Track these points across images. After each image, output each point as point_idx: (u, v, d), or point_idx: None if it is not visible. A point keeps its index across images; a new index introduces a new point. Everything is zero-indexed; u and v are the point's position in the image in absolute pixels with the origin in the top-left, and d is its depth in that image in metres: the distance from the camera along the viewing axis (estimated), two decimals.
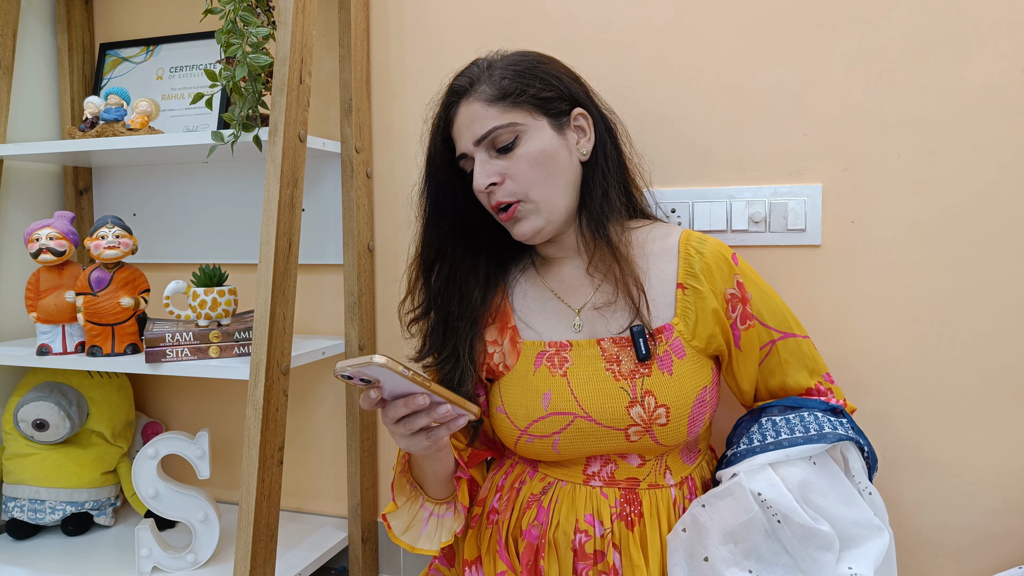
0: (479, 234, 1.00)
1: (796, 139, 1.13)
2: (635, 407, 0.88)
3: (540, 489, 0.94)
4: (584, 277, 0.97)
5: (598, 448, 0.91)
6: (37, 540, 1.36)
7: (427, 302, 1.00)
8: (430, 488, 0.96)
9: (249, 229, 1.44)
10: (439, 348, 0.98)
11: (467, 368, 0.95)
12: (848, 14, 1.09)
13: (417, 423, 0.79)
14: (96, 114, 1.29)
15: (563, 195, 0.93)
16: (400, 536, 0.97)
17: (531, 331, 0.97)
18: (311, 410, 1.45)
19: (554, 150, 0.91)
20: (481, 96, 0.91)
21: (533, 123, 0.91)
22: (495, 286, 1.01)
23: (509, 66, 0.92)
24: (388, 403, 0.79)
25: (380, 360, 0.69)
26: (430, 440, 0.82)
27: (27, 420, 1.31)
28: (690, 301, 0.92)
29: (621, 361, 0.90)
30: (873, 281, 1.10)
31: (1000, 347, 1.06)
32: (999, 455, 1.07)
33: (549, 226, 0.93)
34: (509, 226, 0.94)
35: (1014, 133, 1.04)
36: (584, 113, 0.94)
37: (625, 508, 0.90)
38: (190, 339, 1.19)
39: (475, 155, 0.92)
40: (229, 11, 1.12)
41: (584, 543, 0.89)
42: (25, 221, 1.46)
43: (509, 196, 0.91)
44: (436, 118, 0.97)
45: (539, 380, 0.92)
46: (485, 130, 0.90)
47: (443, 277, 0.99)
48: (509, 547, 0.94)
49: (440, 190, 0.98)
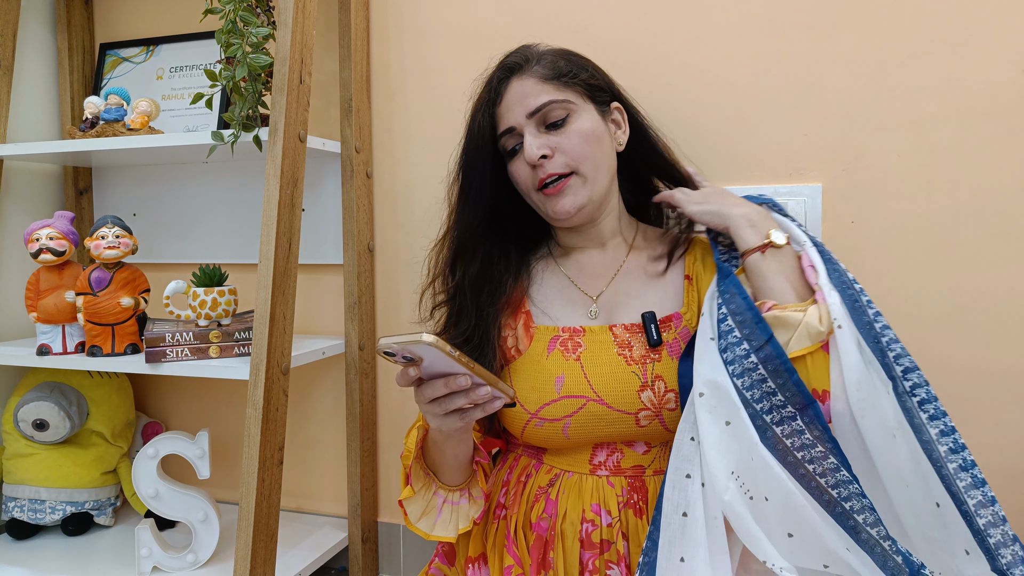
0: (507, 222, 1.02)
1: (796, 139, 1.13)
2: (646, 391, 0.89)
3: (547, 481, 0.95)
4: (602, 266, 1.00)
5: (608, 433, 0.91)
6: (37, 540, 1.36)
7: (456, 287, 1.00)
8: (444, 474, 0.96)
9: (249, 229, 1.44)
10: (469, 335, 0.98)
11: (493, 356, 0.96)
12: (848, 14, 1.09)
13: (455, 403, 0.79)
14: (96, 114, 1.29)
15: (606, 176, 0.95)
16: (416, 523, 0.97)
17: (546, 317, 0.98)
18: (311, 410, 1.45)
19: (601, 132, 0.94)
20: (535, 73, 0.93)
21: (583, 104, 0.94)
22: (522, 274, 1.03)
23: (560, 53, 0.96)
24: (425, 382, 0.79)
25: (430, 339, 0.68)
26: (464, 421, 0.82)
27: (27, 420, 1.32)
28: (694, 291, 0.95)
29: (632, 347, 0.92)
30: (873, 281, 1.10)
31: (1000, 347, 1.06)
32: (999, 455, 1.07)
33: (590, 205, 0.94)
34: (551, 201, 0.94)
35: (1014, 133, 1.04)
36: (620, 108, 0.99)
37: (632, 496, 0.91)
38: (190, 339, 1.19)
39: (525, 129, 0.93)
40: (229, 11, 1.12)
41: (590, 532, 0.90)
42: (25, 221, 1.46)
43: (561, 167, 0.92)
44: (484, 92, 0.97)
45: (552, 364, 0.93)
46: (541, 102, 0.91)
47: (479, 261, 0.99)
48: (519, 540, 0.94)
49: (483, 169, 0.98)
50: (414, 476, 0.96)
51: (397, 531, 1.39)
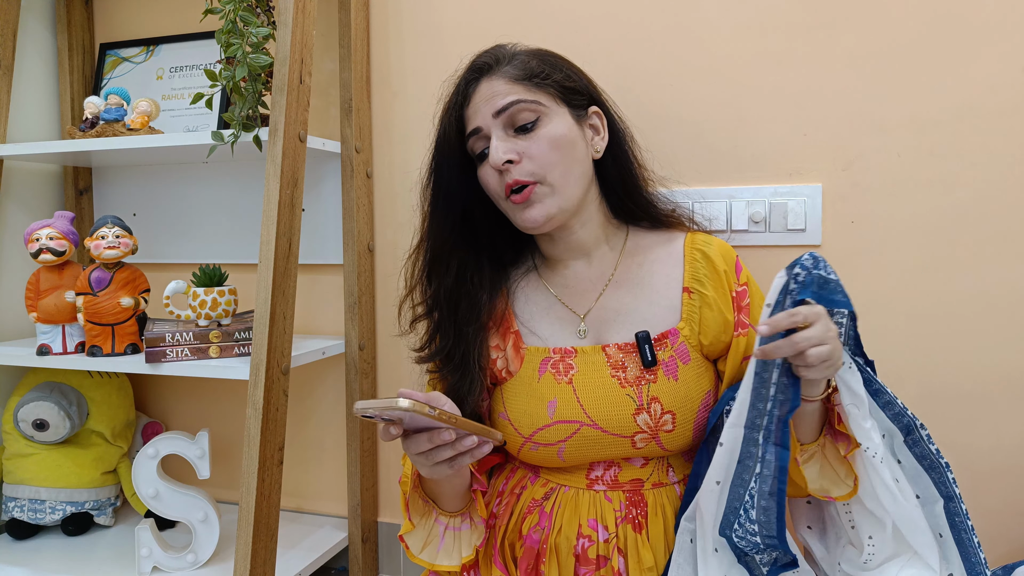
0: (480, 232, 0.97)
1: (796, 139, 1.13)
2: (641, 414, 0.87)
3: (542, 494, 0.93)
4: (588, 281, 0.96)
5: (603, 455, 0.90)
6: (37, 540, 1.36)
7: (432, 299, 0.97)
8: (444, 502, 0.92)
9: (249, 229, 1.44)
10: (448, 354, 0.95)
11: (476, 376, 0.93)
12: (848, 14, 1.09)
13: (442, 455, 0.77)
14: (96, 114, 1.29)
15: (578, 185, 0.90)
16: (418, 555, 0.92)
17: (535, 337, 0.95)
18: (311, 410, 1.45)
19: (574, 138, 0.90)
20: (505, 74, 0.89)
21: (555, 108, 0.89)
22: (498, 289, 0.98)
23: (534, 53, 0.92)
24: (411, 435, 0.78)
25: (405, 404, 0.68)
26: (453, 468, 0.80)
27: (27, 420, 1.31)
28: (696, 305, 0.91)
29: (627, 367, 0.89)
30: (873, 281, 1.10)
31: (1000, 347, 1.06)
32: (999, 455, 1.07)
33: (560, 214, 0.90)
34: (519, 211, 0.90)
35: (1014, 133, 1.04)
36: (599, 112, 0.94)
37: (631, 511, 0.89)
38: (190, 339, 1.19)
39: (491, 130, 0.88)
40: (229, 11, 1.12)
41: (587, 548, 0.88)
42: (25, 221, 1.46)
43: (527, 176, 0.87)
44: (453, 94, 0.93)
45: (544, 387, 0.91)
46: (508, 101, 0.87)
47: (453, 274, 0.95)
48: (504, 553, 0.93)
49: (451, 174, 0.94)
50: (412, 508, 0.92)
51: (397, 531, 1.39)
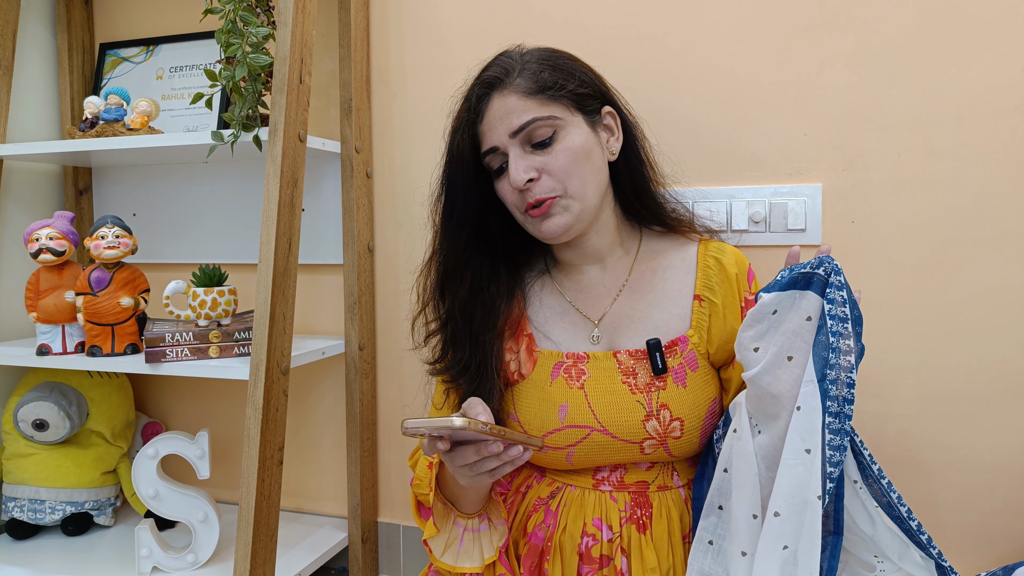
0: (496, 239, 0.96)
1: (796, 139, 1.13)
2: (651, 421, 0.88)
3: (548, 493, 0.94)
4: (603, 286, 0.96)
5: (612, 460, 0.91)
6: (37, 540, 1.36)
7: (447, 313, 0.96)
8: (464, 504, 0.92)
9: (249, 229, 1.44)
10: (466, 363, 0.94)
11: (495, 383, 0.93)
12: (848, 14, 1.09)
13: (487, 466, 0.78)
14: (96, 114, 1.29)
15: (596, 193, 0.90)
16: (440, 558, 0.92)
17: (548, 341, 0.95)
18: (311, 410, 1.45)
19: (591, 147, 0.89)
20: (517, 88, 0.87)
21: (571, 118, 0.88)
22: (513, 293, 0.98)
23: (544, 60, 0.89)
24: (455, 448, 0.78)
25: (460, 423, 0.69)
26: (494, 478, 0.81)
27: (27, 420, 1.31)
28: (705, 313, 0.92)
29: (637, 374, 0.89)
30: (873, 281, 1.10)
31: (1000, 347, 1.06)
32: (999, 455, 1.07)
33: (579, 224, 0.90)
34: (537, 223, 0.89)
35: (1014, 133, 1.04)
36: (612, 112, 0.93)
37: (636, 512, 0.90)
38: (190, 339, 1.19)
39: (509, 149, 0.87)
40: (229, 11, 1.12)
41: (591, 547, 0.89)
42: (25, 221, 1.46)
43: (548, 192, 0.87)
44: (463, 111, 0.91)
45: (556, 391, 0.91)
46: (523, 121, 0.85)
47: (467, 286, 0.94)
48: (509, 550, 0.94)
49: (465, 191, 0.92)
50: (436, 513, 0.92)
51: (397, 531, 1.39)
